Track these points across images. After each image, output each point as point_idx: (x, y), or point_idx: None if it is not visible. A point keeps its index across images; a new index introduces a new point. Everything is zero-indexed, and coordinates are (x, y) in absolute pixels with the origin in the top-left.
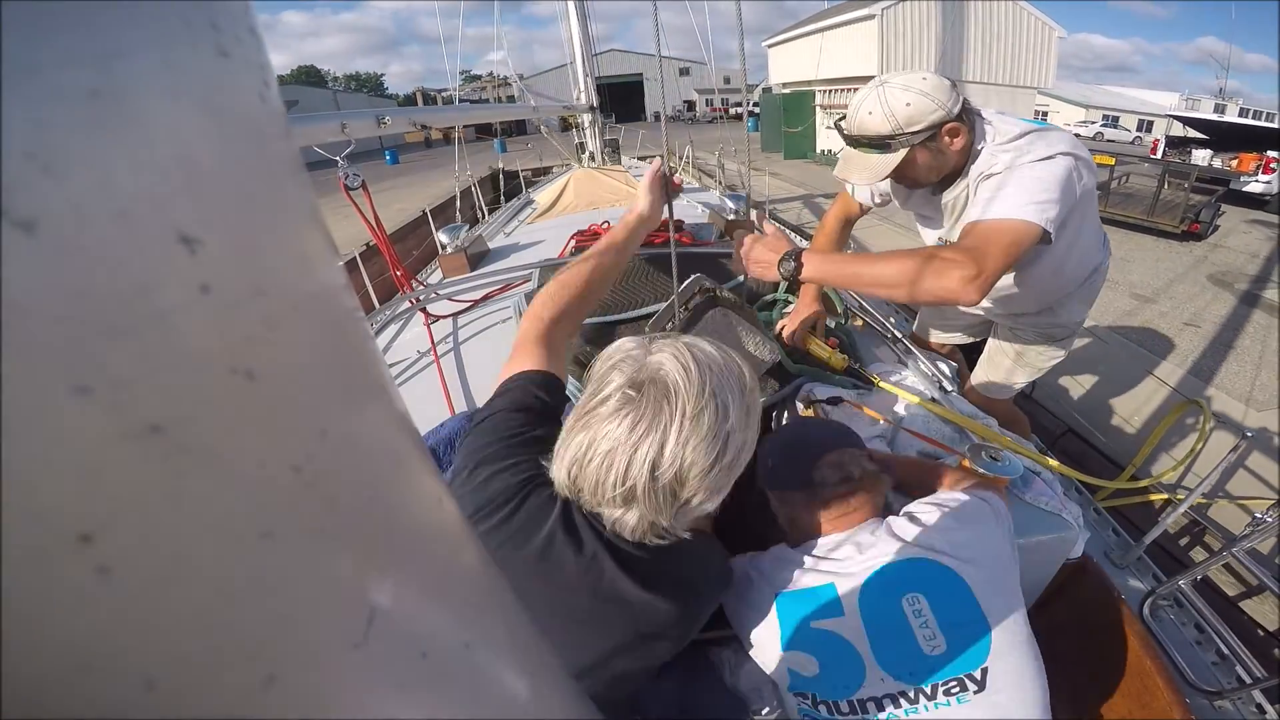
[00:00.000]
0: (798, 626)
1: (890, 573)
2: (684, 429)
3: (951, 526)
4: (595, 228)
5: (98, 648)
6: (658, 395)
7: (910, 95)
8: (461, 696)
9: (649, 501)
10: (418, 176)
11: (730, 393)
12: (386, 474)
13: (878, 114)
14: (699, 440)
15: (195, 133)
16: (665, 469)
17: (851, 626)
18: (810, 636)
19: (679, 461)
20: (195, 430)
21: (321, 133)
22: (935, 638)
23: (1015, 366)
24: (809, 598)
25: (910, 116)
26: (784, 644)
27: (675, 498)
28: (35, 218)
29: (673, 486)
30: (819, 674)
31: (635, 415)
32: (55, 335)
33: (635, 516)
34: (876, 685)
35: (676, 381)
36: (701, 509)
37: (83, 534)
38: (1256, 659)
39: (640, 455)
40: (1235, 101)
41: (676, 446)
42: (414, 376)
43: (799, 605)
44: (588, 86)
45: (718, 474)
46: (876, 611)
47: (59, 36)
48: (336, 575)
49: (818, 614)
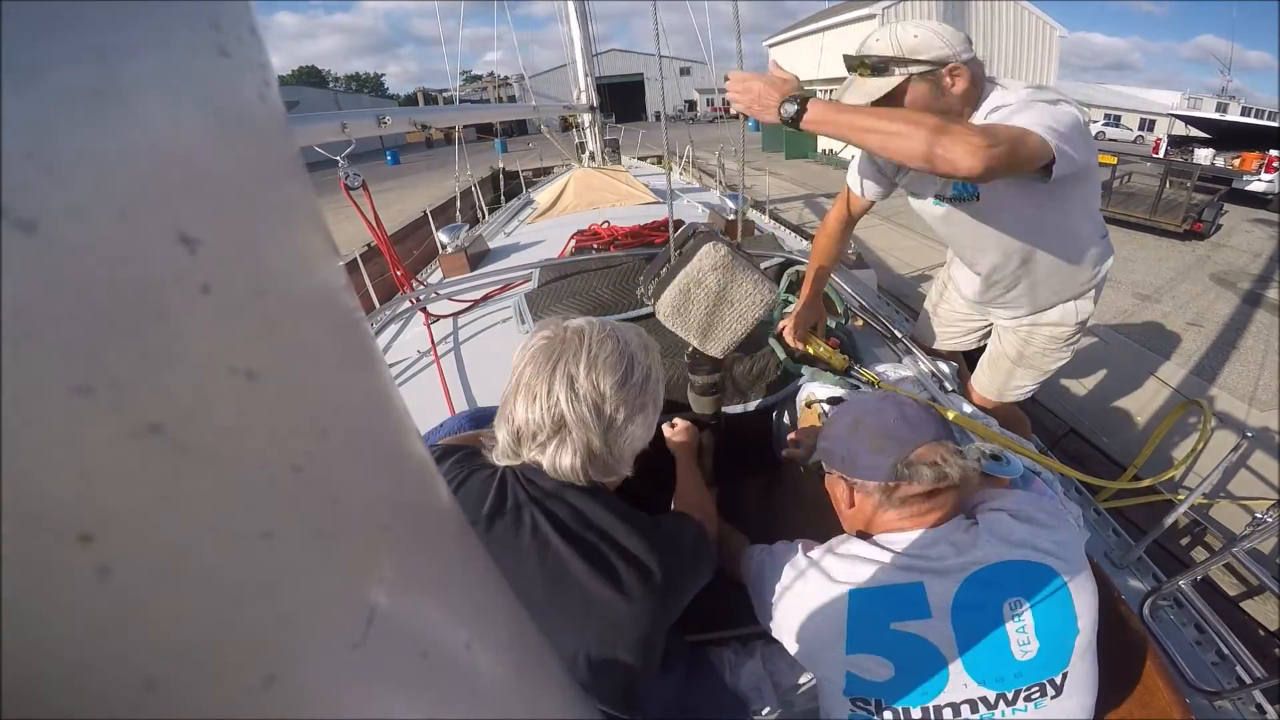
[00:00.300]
0: (873, 627)
1: (994, 575)
2: (591, 351)
3: (1050, 525)
4: (595, 228)
5: (98, 648)
6: (567, 337)
7: (919, 29)
8: (462, 696)
9: (578, 422)
10: (419, 177)
11: (628, 334)
12: (386, 474)
13: (884, 40)
14: (605, 358)
15: (195, 133)
16: (582, 383)
17: (938, 629)
18: (888, 638)
19: (594, 376)
20: (195, 430)
21: (322, 133)
22: (1029, 643)
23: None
24: (891, 597)
25: (915, 46)
26: (851, 645)
27: (600, 414)
28: (35, 218)
29: (594, 400)
30: (892, 679)
31: (549, 352)
32: (55, 335)
33: (570, 450)
34: (958, 691)
35: (580, 327)
36: (630, 434)
37: (83, 534)
38: (1256, 659)
39: (559, 378)
40: (1238, 100)
41: (588, 365)
42: (414, 376)
43: (877, 604)
44: (588, 86)
45: (631, 390)
46: (972, 615)
47: (59, 36)
48: (336, 575)
49: (899, 614)
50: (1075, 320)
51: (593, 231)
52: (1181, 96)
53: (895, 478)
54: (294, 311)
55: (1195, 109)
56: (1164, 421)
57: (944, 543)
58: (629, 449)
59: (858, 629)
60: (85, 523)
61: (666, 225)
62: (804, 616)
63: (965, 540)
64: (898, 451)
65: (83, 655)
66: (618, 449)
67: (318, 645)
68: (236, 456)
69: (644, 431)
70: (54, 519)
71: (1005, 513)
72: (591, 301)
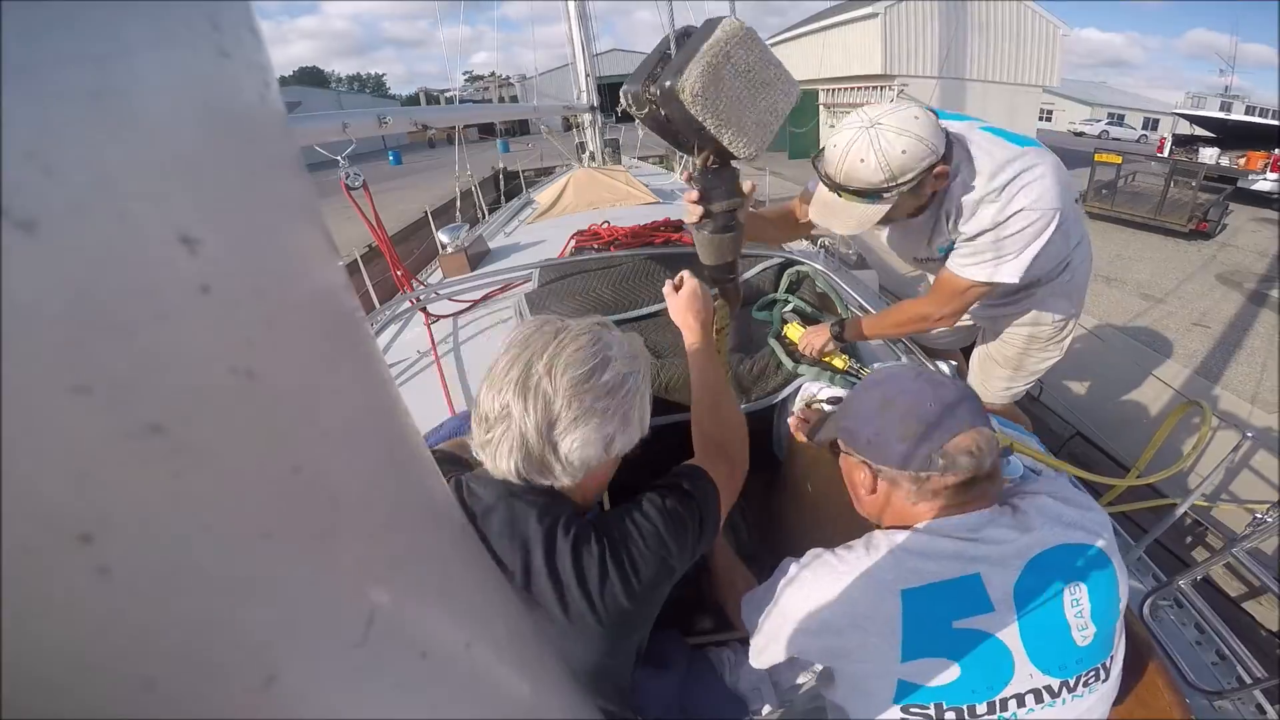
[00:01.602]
0: (933, 628)
1: (1052, 559)
2: (562, 343)
3: (1088, 505)
4: (595, 228)
5: (98, 648)
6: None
7: (905, 140)
8: (462, 696)
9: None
10: (421, 177)
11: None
12: (386, 474)
13: (871, 162)
14: (574, 352)
15: (196, 133)
16: (538, 371)
17: (1002, 621)
18: (950, 638)
19: (554, 367)
20: (195, 430)
21: (323, 133)
22: (1087, 627)
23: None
24: (949, 592)
25: (904, 165)
26: (908, 651)
27: (548, 408)
28: (35, 218)
29: (545, 392)
30: (958, 679)
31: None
32: (55, 335)
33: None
34: (1024, 682)
35: (569, 325)
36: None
37: (83, 534)
38: (1256, 659)
39: (518, 365)
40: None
41: (551, 355)
42: (414, 376)
43: (936, 602)
44: (588, 86)
45: (592, 391)
46: (1034, 603)
47: (59, 36)
48: (336, 575)
49: (960, 611)
50: (1051, 319)
51: (593, 231)
52: (1185, 95)
53: (929, 468)
54: (294, 311)
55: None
56: (1165, 423)
57: (994, 526)
58: (577, 454)
59: (916, 633)
60: (85, 523)
61: (667, 225)
62: (834, 629)
63: (1013, 524)
64: (933, 439)
65: (83, 655)
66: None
67: (318, 645)
68: (236, 456)
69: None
70: (54, 519)
71: (1046, 495)
72: (592, 301)
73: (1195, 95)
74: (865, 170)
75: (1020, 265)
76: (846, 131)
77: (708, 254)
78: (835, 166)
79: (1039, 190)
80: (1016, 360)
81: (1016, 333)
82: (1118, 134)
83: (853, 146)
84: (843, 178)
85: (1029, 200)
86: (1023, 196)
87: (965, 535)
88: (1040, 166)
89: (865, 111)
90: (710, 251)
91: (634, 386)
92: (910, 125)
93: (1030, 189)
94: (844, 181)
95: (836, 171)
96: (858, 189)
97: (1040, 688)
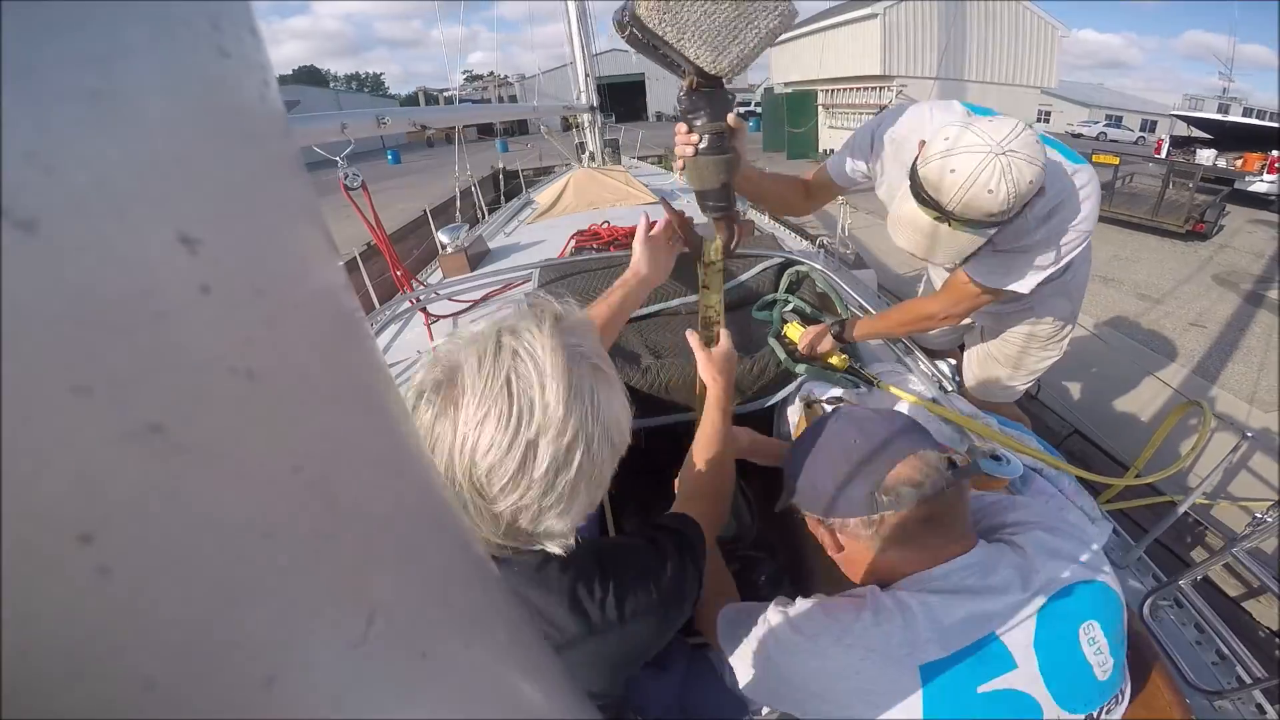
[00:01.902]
0: (957, 696)
1: (1062, 603)
2: (465, 423)
3: (1077, 532)
4: (595, 228)
5: (98, 648)
6: (441, 395)
7: (1035, 170)
8: (462, 696)
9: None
10: (419, 176)
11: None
12: (386, 474)
13: (1001, 194)
14: (487, 439)
15: (195, 133)
16: (462, 483)
17: (1027, 675)
18: (976, 703)
19: (473, 470)
20: (195, 430)
21: (321, 133)
22: (1106, 662)
23: (1009, 370)
24: (969, 659)
25: (1029, 193)
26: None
27: (496, 519)
28: (35, 218)
29: (479, 508)
30: None
31: (426, 417)
32: (55, 335)
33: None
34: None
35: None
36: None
37: (83, 534)
38: (1256, 659)
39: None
40: (1239, 102)
41: (464, 447)
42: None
43: (956, 672)
44: (588, 86)
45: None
46: (1054, 649)
47: (59, 36)
48: (336, 575)
49: (984, 674)
50: (1052, 318)
51: (593, 231)
52: (1183, 97)
53: (875, 509)
54: (294, 311)
55: (1197, 110)
56: (1165, 422)
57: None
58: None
59: (939, 705)
60: (85, 523)
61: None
62: (858, 705)
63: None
64: (867, 477)
65: (83, 655)
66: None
67: (318, 645)
68: (236, 456)
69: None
70: (54, 519)
71: (1038, 529)
72: (592, 301)
73: (1193, 97)
74: (991, 201)
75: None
76: (971, 156)
77: (696, 178)
78: (954, 194)
79: (1081, 215)
80: (1017, 359)
81: (1017, 331)
82: (1115, 135)
83: (981, 174)
84: (960, 206)
85: (1075, 223)
86: (1064, 219)
87: (973, 589)
88: (1086, 189)
89: (984, 133)
90: (696, 176)
91: (582, 453)
92: (1039, 154)
93: (1074, 214)
94: (960, 211)
95: (954, 199)
96: (973, 219)
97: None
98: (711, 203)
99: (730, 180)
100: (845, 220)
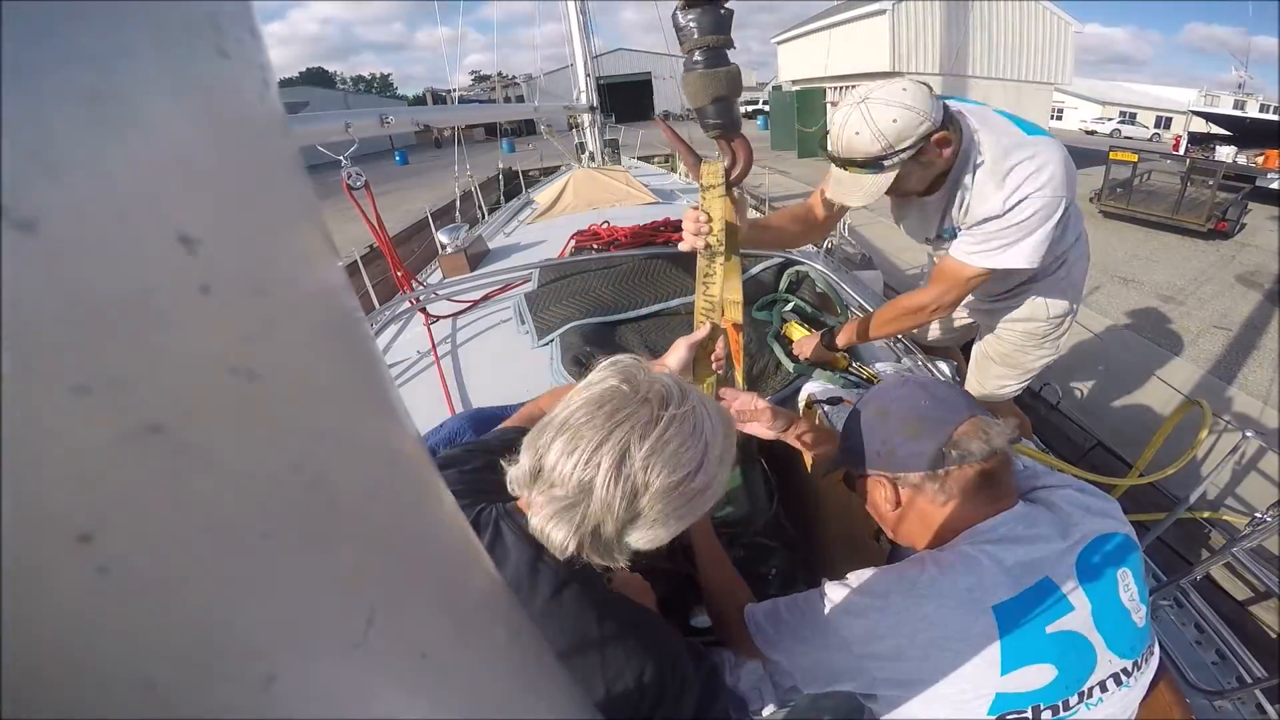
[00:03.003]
0: (1030, 636)
1: (1096, 550)
2: (664, 433)
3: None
4: (595, 228)
5: (98, 648)
6: (644, 397)
7: (895, 110)
8: (462, 696)
9: (603, 503)
10: (427, 178)
11: (713, 425)
12: (386, 474)
13: (865, 134)
14: (675, 450)
15: (195, 133)
16: (635, 465)
17: (1082, 618)
18: (1046, 642)
19: (652, 462)
20: (195, 430)
21: (326, 132)
22: (1139, 609)
23: (1003, 369)
24: (1034, 600)
25: (899, 133)
26: (1007, 664)
27: (632, 504)
28: (35, 218)
29: (634, 487)
30: (1054, 680)
31: (617, 407)
32: (55, 335)
33: (571, 526)
34: (1104, 668)
35: (665, 391)
36: (650, 536)
37: (83, 534)
38: (1257, 659)
39: (611, 445)
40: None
41: (651, 449)
42: (414, 377)
43: (1028, 610)
44: (588, 86)
45: (683, 495)
46: (1099, 596)
47: (59, 37)
48: (336, 575)
49: (1049, 615)
50: (1047, 315)
51: (593, 232)
52: (1198, 93)
53: (944, 463)
54: (294, 311)
55: (1213, 106)
56: (1165, 423)
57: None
58: (642, 545)
59: (1014, 644)
60: (85, 523)
61: (667, 225)
62: (933, 653)
63: (1058, 520)
64: (938, 434)
65: (83, 655)
66: (629, 541)
67: (318, 645)
68: (236, 456)
69: (667, 536)
70: (54, 519)
71: (1069, 488)
72: (592, 302)
73: (1209, 93)
74: (862, 142)
75: (1023, 251)
76: (842, 109)
77: (690, 94)
78: (836, 143)
79: (1046, 177)
80: (1012, 357)
81: (1011, 329)
82: (1130, 132)
83: (848, 123)
84: (844, 151)
85: (1035, 187)
86: (1030, 183)
87: (1021, 537)
88: (1047, 154)
89: (858, 89)
90: (691, 92)
91: (716, 491)
92: (897, 96)
93: (1037, 175)
94: (846, 155)
95: (838, 146)
96: (861, 160)
97: (1118, 671)
98: (709, 120)
99: (729, 96)
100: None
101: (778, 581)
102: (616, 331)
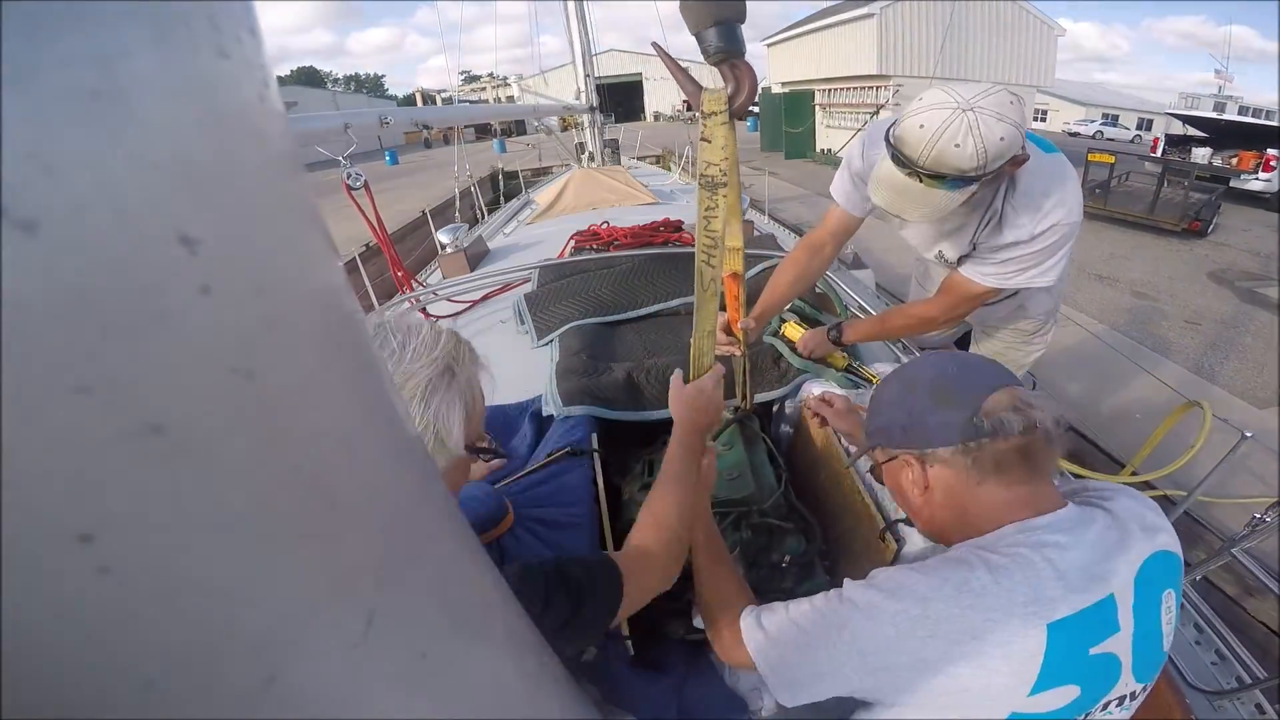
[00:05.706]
0: (1071, 659)
1: (1151, 570)
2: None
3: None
4: (594, 228)
5: (97, 648)
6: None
7: (1005, 127)
8: (461, 695)
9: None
10: (417, 178)
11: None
12: (386, 474)
13: (968, 147)
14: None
15: (195, 133)
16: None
17: (1123, 639)
18: (1083, 664)
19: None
20: (195, 430)
21: (324, 133)
22: (1171, 634)
23: None
24: (1092, 619)
25: (1002, 152)
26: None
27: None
28: (35, 218)
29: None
30: (1071, 702)
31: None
32: (55, 335)
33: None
34: (1120, 689)
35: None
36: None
37: (83, 534)
38: (1256, 659)
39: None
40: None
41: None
42: None
43: (1079, 632)
44: (587, 87)
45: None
46: (1143, 617)
47: (59, 37)
48: (336, 575)
49: (1097, 636)
50: (1035, 314)
51: (592, 232)
52: (1179, 96)
53: (976, 434)
54: (293, 311)
55: (1193, 108)
56: (1164, 422)
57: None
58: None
59: (1053, 666)
60: (85, 523)
61: (666, 226)
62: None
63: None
64: (969, 402)
65: (83, 655)
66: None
67: (318, 645)
68: (236, 456)
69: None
70: (54, 519)
71: (1124, 495)
72: (591, 302)
73: (1189, 96)
74: (959, 156)
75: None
76: (938, 112)
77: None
78: (922, 148)
79: (1071, 204)
80: (1004, 355)
81: (1000, 328)
82: (1112, 134)
83: (948, 128)
84: (930, 161)
85: (1062, 215)
86: (1058, 210)
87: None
88: (1069, 177)
89: (952, 92)
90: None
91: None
92: (1009, 111)
93: (1064, 204)
94: (930, 166)
95: (922, 154)
96: (947, 174)
97: (1131, 692)
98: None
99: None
100: None
101: (793, 571)
102: (616, 331)
